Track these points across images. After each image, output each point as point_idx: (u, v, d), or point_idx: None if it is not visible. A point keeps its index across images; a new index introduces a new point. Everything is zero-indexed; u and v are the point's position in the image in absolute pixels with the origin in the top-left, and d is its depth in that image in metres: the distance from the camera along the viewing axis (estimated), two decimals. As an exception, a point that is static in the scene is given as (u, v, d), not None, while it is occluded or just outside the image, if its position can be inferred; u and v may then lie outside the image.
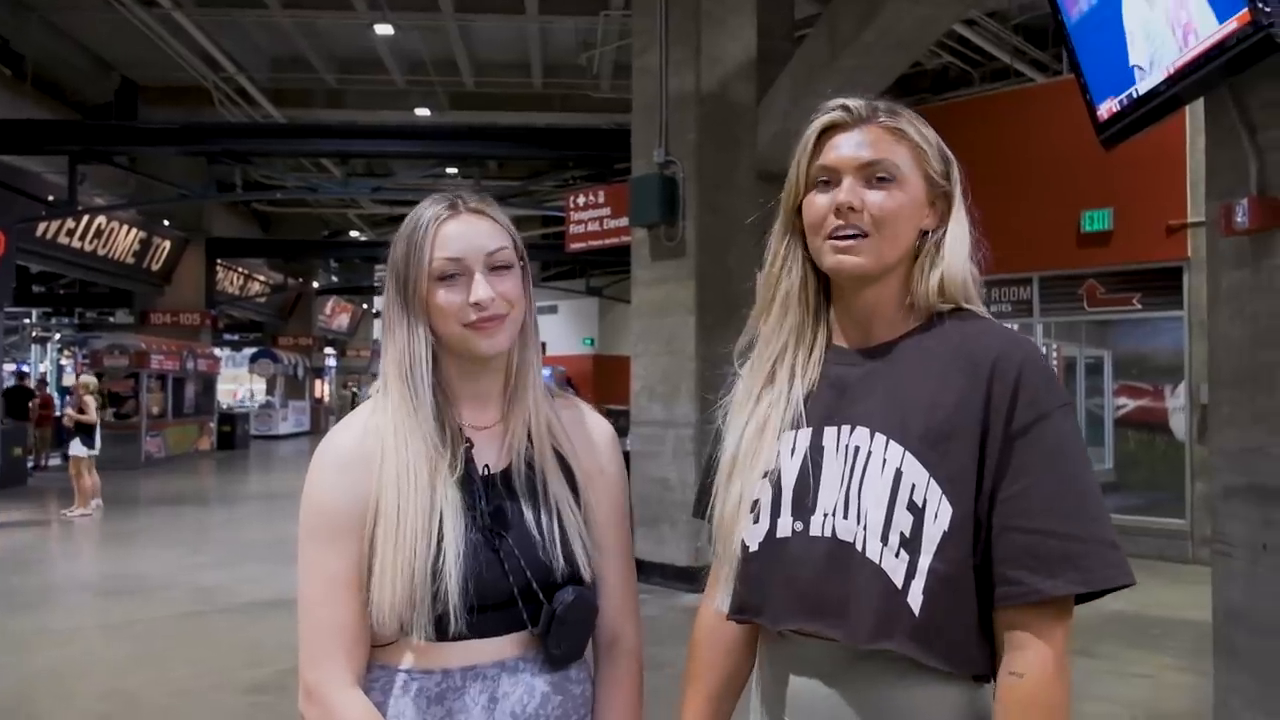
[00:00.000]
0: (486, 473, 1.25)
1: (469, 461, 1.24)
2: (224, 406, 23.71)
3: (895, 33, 7.12)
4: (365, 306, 36.94)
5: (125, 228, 17.71)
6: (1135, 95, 3.29)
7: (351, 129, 14.83)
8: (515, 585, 1.20)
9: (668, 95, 6.84)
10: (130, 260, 18.52)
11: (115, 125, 15.09)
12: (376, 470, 1.20)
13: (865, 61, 7.70)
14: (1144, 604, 6.36)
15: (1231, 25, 2.74)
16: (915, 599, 1.06)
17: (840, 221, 1.15)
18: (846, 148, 1.16)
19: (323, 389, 30.33)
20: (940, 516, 1.06)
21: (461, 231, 1.23)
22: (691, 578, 6.64)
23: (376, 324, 40.20)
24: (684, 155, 6.78)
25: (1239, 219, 3.10)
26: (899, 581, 1.07)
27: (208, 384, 20.79)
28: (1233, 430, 3.28)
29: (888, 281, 1.18)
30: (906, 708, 1.10)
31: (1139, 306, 8.31)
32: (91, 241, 16.91)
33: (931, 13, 6.92)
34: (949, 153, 1.21)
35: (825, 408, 1.19)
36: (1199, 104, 3.50)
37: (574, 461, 1.30)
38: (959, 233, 1.18)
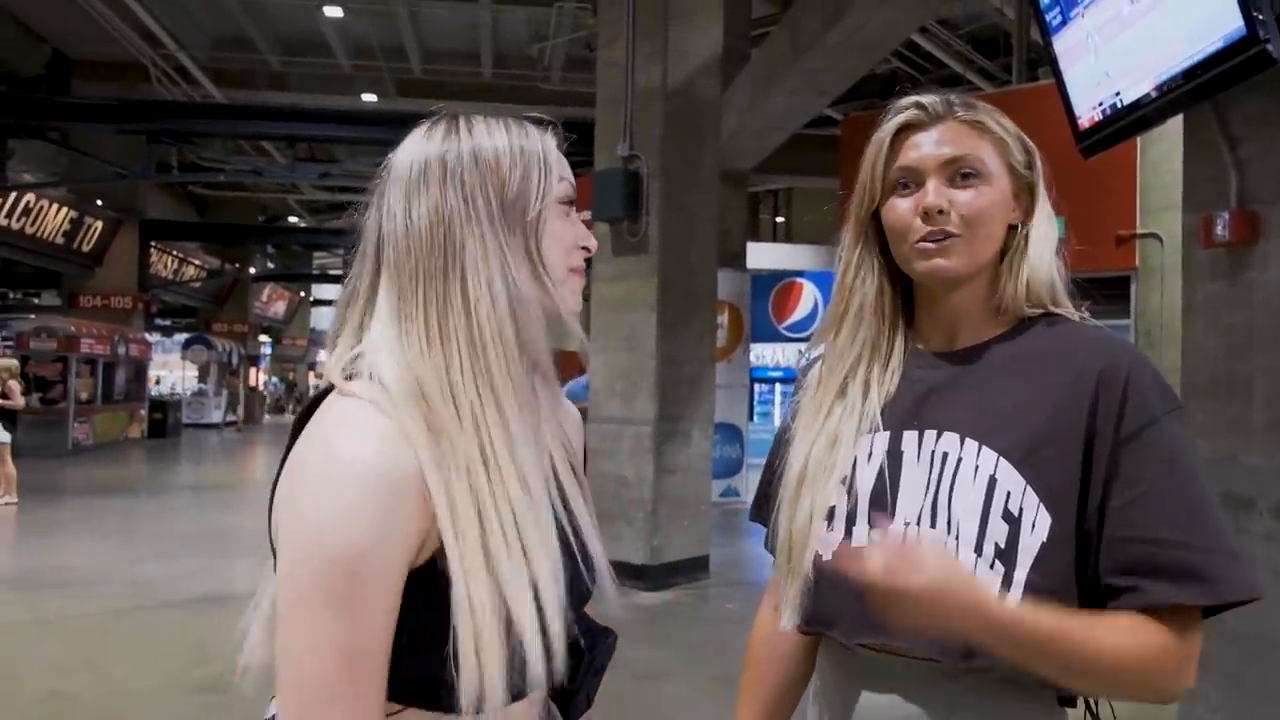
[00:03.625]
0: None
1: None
2: (156, 393, 23.04)
3: (860, 35, 7.16)
4: (303, 294, 36.20)
5: (55, 206, 17.08)
6: (1120, 105, 3.32)
7: (297, 112, 14.48)
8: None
9: (633, 89, 6.77)
10: (60, 240, 17.87)
11: (47, 100, 14.53)
12: (428, 494, 0.85)
13: (828, 63, 7.74)
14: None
15: (1227, 39, 2.76)
16: None
17: (929, 227, 1.10)
18: (927, 146, 1.12)
19: (258, 377, 29.64)
20: (1038, 527, 1.01)
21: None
22: (647, 576, 6.60)
23: (314, 312, 39.61)
24: (649, 150, 6.72)
25: (1219, 231, 3.14)
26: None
27: (139, 370, 20.17)
28: (1205, 439, 3.33)
29: (977, 282, 1.14)
30: None
31: (1087, 315, 8.47)
32: (19, 219, 16.28)
33: (896, 17, 6.96)
34: (1030, 142, 1.17)
35: (904, 412, 1.14)
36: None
37: (575, 459, 1.12)
38: (1044, 229, 1.14)
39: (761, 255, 14.17)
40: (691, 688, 4.59)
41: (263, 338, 31.60)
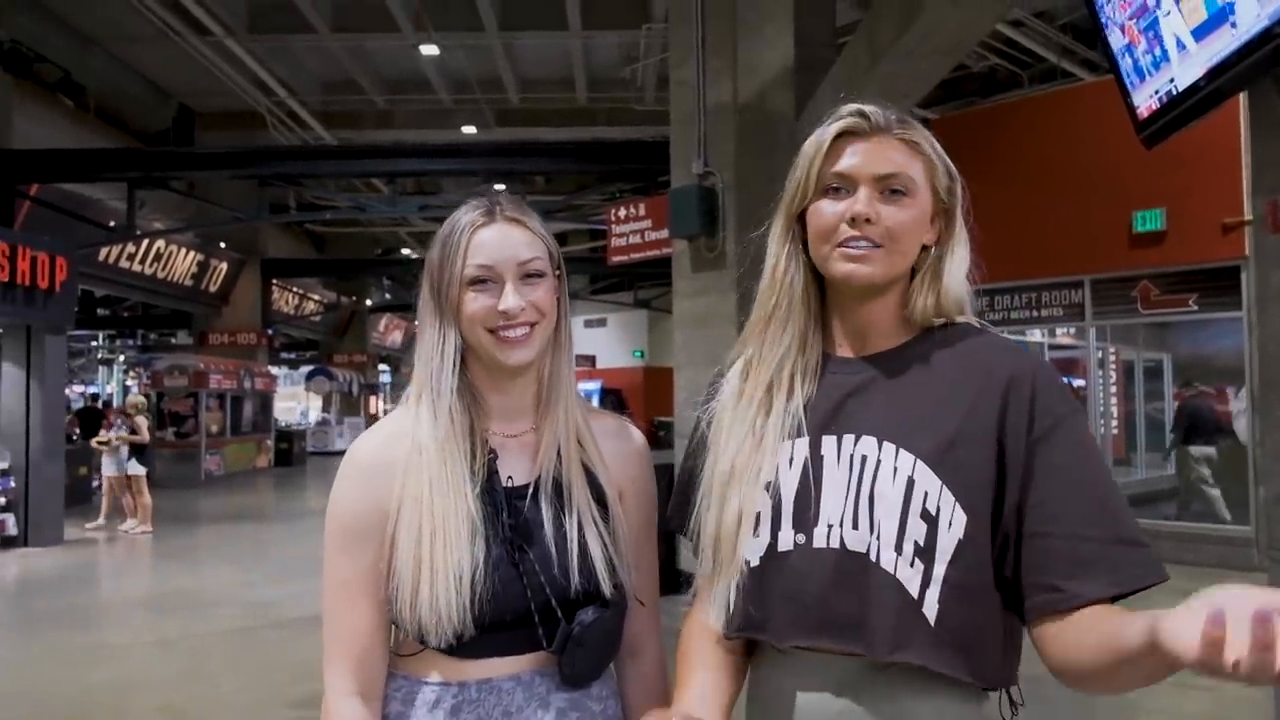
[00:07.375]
0: (510, 484, 1.23)
1: (493, 472, 1.23)
2: (281, 424, 24.12)
3: (935, 37, 7.01)
4: (418, 324, 37.36)
5: (183, 250, 18.17)
6: (1174, 92, 3.20)
7: (399, 149, 15.03)
8: (534, 604, 1.18)
9: (705, 106, 6.82)
10: (189, 282, 18.99)
11: (170, 151, 15.50)
12: (399, 476, 1.20)
13: (905, 67, 7.59)
14: (1206, 615, 6.13)
15: (1272, 18, 2.65)
16: (931, 608, 1.05)
17: (854, 232, 1.13)
18: (865, 157, 1.14)
19: (378, 405, 30.74)
20: (955, 525, 1.06)
21: (496, 239, 1.22)
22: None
23: (429, 340, 40.85)
24: (722, 166, 6.75)
25: (1286, 216, 2.99)
26: (915, 591, 1.06)
27: (265, 402, 21.18)
28: (1285, 435, 3.17)
29: (890, 294, 1.18)
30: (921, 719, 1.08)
31: (1195, 308, 8.08)
32: (151, 265, 17.37)
33: (971, 15, 6.80)
34: (954, 169, 1.20)
35: (823, 417, 1.17)
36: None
37: (601, 473, 1.28)
38: (961, 253, 1.18)
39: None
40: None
41: (381, 367, 32.77)
